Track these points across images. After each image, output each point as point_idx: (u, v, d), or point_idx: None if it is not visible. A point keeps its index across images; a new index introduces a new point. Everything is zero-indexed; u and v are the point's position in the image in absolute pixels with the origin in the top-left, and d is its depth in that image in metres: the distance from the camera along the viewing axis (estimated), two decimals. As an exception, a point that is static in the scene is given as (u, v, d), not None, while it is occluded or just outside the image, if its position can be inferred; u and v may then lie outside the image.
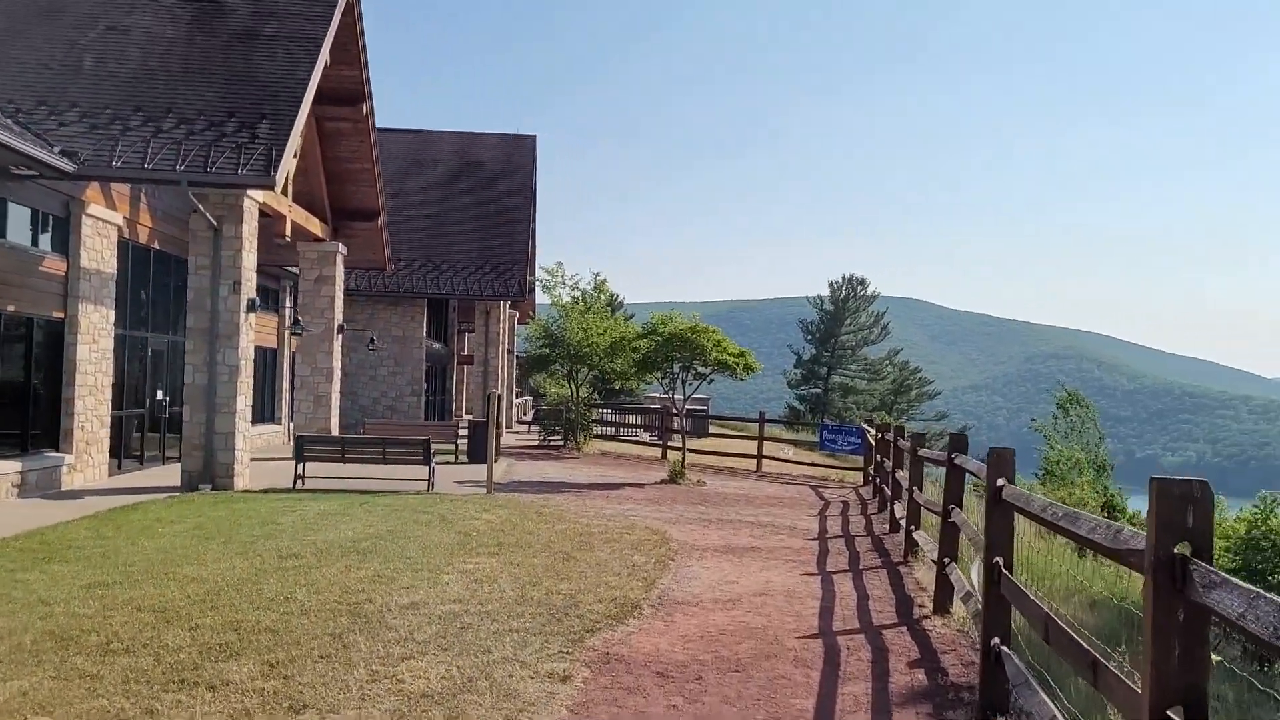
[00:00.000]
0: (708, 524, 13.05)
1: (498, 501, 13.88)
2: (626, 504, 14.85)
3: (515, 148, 35.52)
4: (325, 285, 21.04)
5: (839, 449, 21.77)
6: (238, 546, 9.44)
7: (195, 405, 14.83)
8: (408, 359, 30.65)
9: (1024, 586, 4.64)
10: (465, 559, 9.15)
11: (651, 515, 13.59)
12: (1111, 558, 3.09)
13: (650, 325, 19.12)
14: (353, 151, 20.81)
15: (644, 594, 8.09)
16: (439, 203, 33.22)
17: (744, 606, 7.94)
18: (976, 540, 6.40)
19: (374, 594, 7.47)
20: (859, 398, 62.56)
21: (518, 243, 32.10)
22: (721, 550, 10.84)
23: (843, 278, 67.63)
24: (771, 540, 11.89)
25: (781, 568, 9.94)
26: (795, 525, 13.48)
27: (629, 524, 12.35)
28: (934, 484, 14.52)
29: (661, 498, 16.05)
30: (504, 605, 7.30)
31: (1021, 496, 4.78)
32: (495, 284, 30.72)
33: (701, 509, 14.80)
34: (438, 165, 34.39)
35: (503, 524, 11.58)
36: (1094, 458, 38.09)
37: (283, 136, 14.63)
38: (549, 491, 15.98)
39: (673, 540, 11.25)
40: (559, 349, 25.12)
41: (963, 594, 6.88)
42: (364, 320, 30.29)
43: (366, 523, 11.20)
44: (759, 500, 16.64)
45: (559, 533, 11.16)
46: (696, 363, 18.33)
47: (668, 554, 10.22)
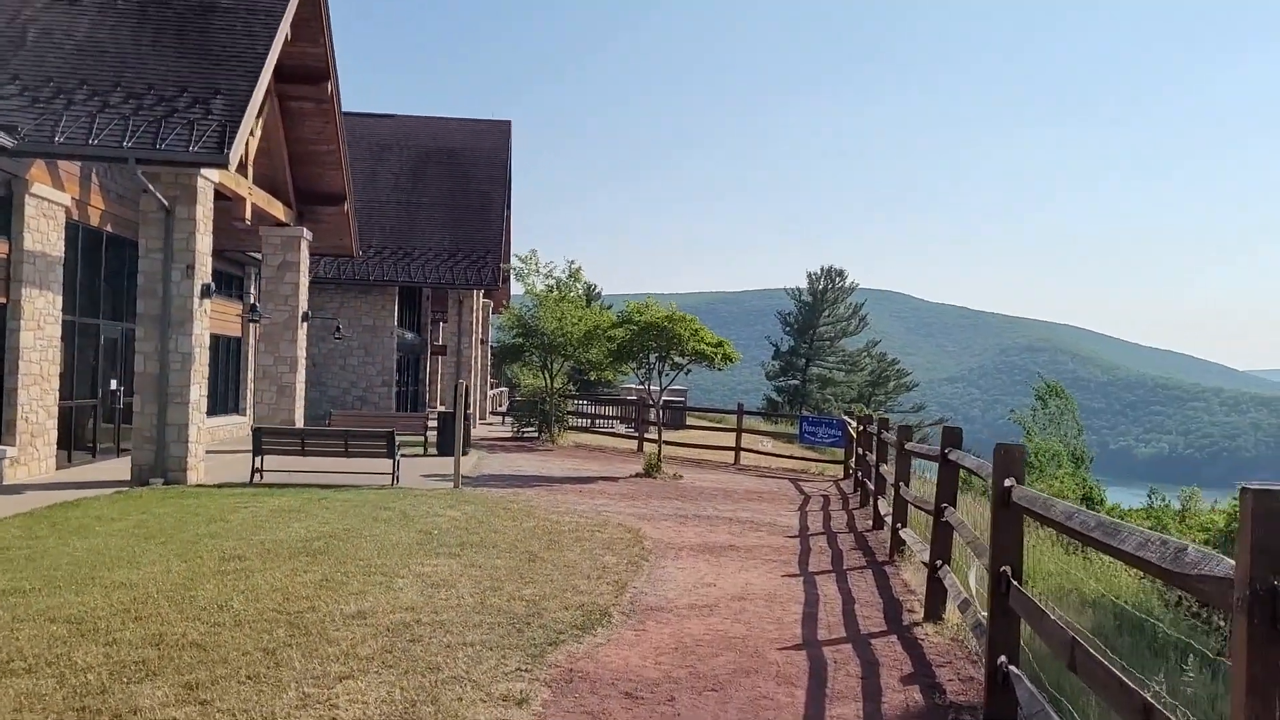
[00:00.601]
0: (684, 520, 12.48)
1: (464, 497, 13.25)
2: (600, 499, 14.26)
3: (490, 134, 34.75)
4: (289, 271, 20.29)
5: (819, 441, 21.27)
6: (178, 547, 8.77)
7: (146, 395, 14.10)
8: (378, 349, 29.90)
9: (1041, 602, 4.08)
10: (424, 560, 8.52)
11: (625, 511, 13.01)
12: (1172, 582, 2.52)
13: (626, 314, 18.49)
14: (318, 133, 20.04)
15: (614, 599, 7.50)
16: (411, 189, 32.44)
17: (722, 613, 7.37)
18: (976, 545, 5.85)
19: (319, 601, 6.84)
20: (837, 389, 62.32)
21: (492, 231, 31.38)
22: (698, 549, 10.28)
23: (821, 269, 67.31)
24: (750, 538, 11.34)
25: (761, 568, 9.38)
26: (775, 521, 12.94)
27: (601, 521, 11.76)
28: (920, 479, 14.02)
29: (636, 492, 15.47)
30: (461, 614, 6.69)
31: (1037, 500, 4.22)
32: (468, 272, 30.01)
33: (677, 504, 14.24)
34: (410, 151, 33.58)
35: (467, 521, 10.95)
36: (1073, 450, 37.89)
37: (238, 112, 13.89)
38: (520, 486, 15.36)
39: (647, 538, 10.67)
40: (533, 339, 24.47)
41: (959, 601, 6.34)
42: (333, 309, 29.51)
43: (322, 520, 10.55)
44: (737, 494, 16.09)
45: (527, 531, 10.56)
46: (673, 353, 17.73)
47: (641, 554, 9.64)
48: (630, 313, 18.27)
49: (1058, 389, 39.26)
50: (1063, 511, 3.72)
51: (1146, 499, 39.23)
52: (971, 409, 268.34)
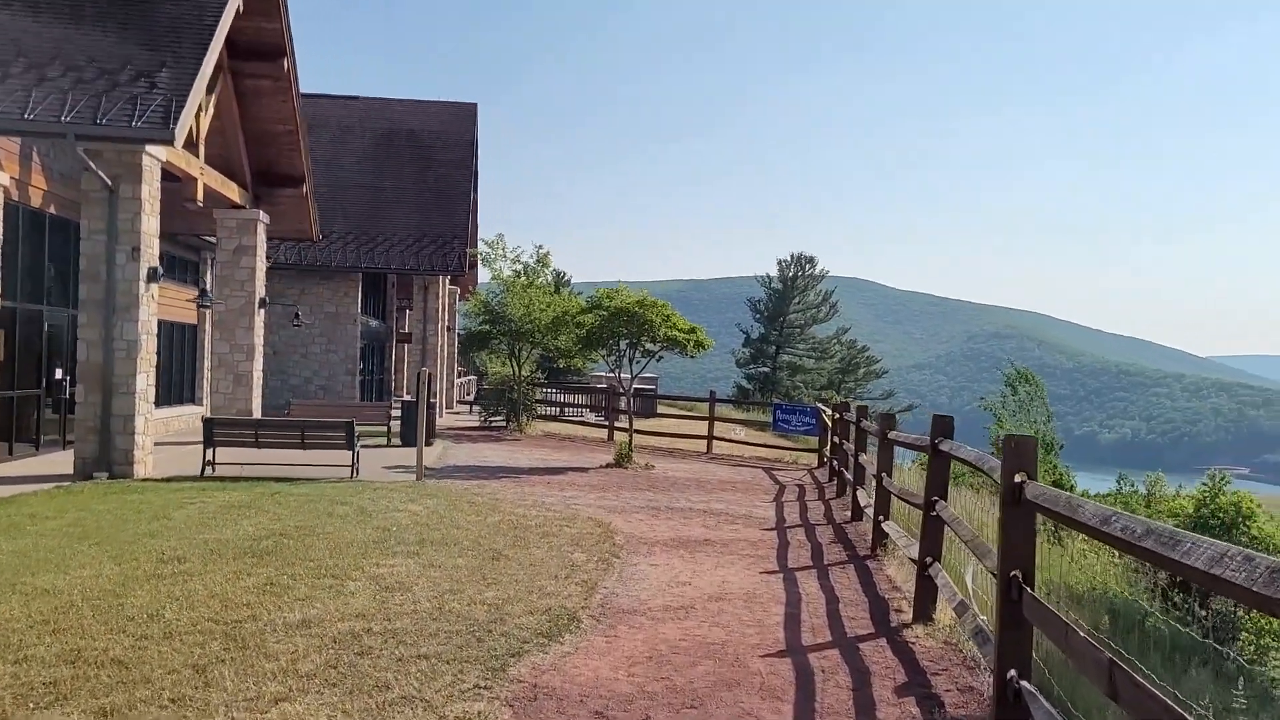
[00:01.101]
0: (656, 513, 11.99)
1: (427, 490, 12.68)
2: (569, 491, 13.74)
3: (456, 117, 33.95)
4: (245, 256, 19.52)
5: (792, 430, 20.86)
6: (114, 548, 8.15)
7: (90, 385, 13.38)
8: (341, 336, 29.13)
9: (1066, 615, 3.61)
10: (379, 561, 7.96)
11: (595, 504, 12.50)
12: (1262, 608, 2.04)
13: (595, 299, 17.92)
14: (274, 112, 19.26)
15: (583, 602, 6.99)
16: (375, 173, 31.61)
17: (699, 615, 6.89)
18: (976, 544, 5.39)
19: (260, 609, 6.27)
20: (807, 376, 62.18)
21: (458, 215, 30.65)
22: (672, 544, 9.79)
23: (791, 256, 67.07)
24: (726, 531, 10.87)
25: (739, 564, 8.91)
26: (751, 513, 12.49)
27: (570, 515, 11.24)
28: (900, 469, 13.62)
29: (607, 483, 14.97)
30: (416, 621, 6.15)
31: (1059, 500, 3.75)
32: (434, 258, 29.28)
33: (650, 495, 13.75)
34: (374, 134, 32.73)
35: (429, 517, 10.39)
36: (1042, 436, 37.82)
37: (185, 86, 13.17)
38: (485, 478, 14.81)
39: (618, 533, 10.17)
40: (500, 325, 23.84)
41: (955, 603, 5.89)
42: (294, 296, 28.69)
43: (273, 517, 9.95)
44: (711, 485, 15.63)
45: (491, 526, 10.02)
46: (644, 339, 17.20)
47: (612, 550, 9.13)
48: (600, 298, 17.70)
49: (1027, 375, 39.16)
50: (1095, 514, 3.23)
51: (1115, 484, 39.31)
52: (939, 396, 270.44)
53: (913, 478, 13.89)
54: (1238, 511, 19.36)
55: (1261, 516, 20.07)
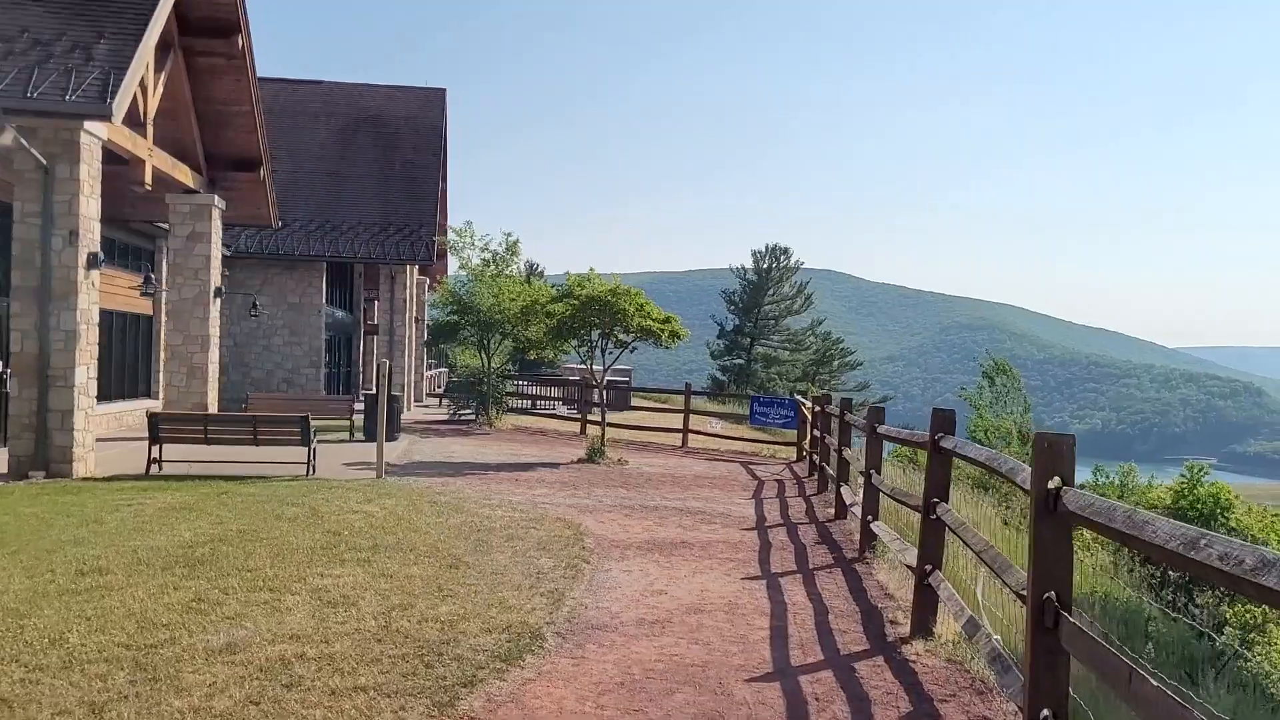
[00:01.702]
0: (630, 512, 11.33)
1: (386, 489, 11.94)
2: (538, 489, 13.06)
3: (424, 102, 33.03)
4: (199, 243, 18.63)
5: (770, 423, 20.27)
6: (30, 557, 7.37)
7: (25, 378, 12.52)
8: (305, 328, 28.21)
9: (1125, 653, 2.97)
10: (325, 570, 7.24)
11: (565, 502, 11.82)
12: None
13: (566, 288, 17.18)
14: (229, 92, 18.36)
15: (549, 615, 6.32)
16: (339, 159, 30.68)
17: (676, 630, 6.23)
18: (992, 556, 4.77)
19: (182, 630, 5.55)
20: (782, 368, 61.83)
21: (425, 203, 29.78)
22: (646, 547, 9.13)
23: (766, 247, 66.66)
24: (704, 532, 10.23)
25: (718, 569, 8.27)
26: (729, 511, 11.86)
27: (538, 515, 10.55)
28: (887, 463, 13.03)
29: (578, 480, 14.29)
30: (358, 643, 5.45)
31: (1113, 513, 3.11)
32: (400, 247, 28.41)
33: (623, 493, 13.09)
34: (338, 119, 31.76)
35: (385, 518, 9.67)
36: (1019, 428, 37.55)
37: (125, 59, 12.31)
38: (450, 475, 14.08)
39: (588, 535, 9.50)
40: (468, 316, 23.09)
41: (963, 620, 5.26)
42: (257, 285, 27.76)
43: (216, 520, 9.19)
44: (686, 481, 15.00)
45: (452, 529, 9.31)
46: (617, 329, 16.51)
47: (582, 554, 8.46)
48: (571, 286, 16.97)
49: (1004, 366, 38.84)
50: (1175, 535, 2.58)
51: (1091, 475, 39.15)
52: (912, 387, 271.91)
53: (891, 471, 13.31)
54: (1216, 503, 19.00)
55: (1240, 508, 19.73)
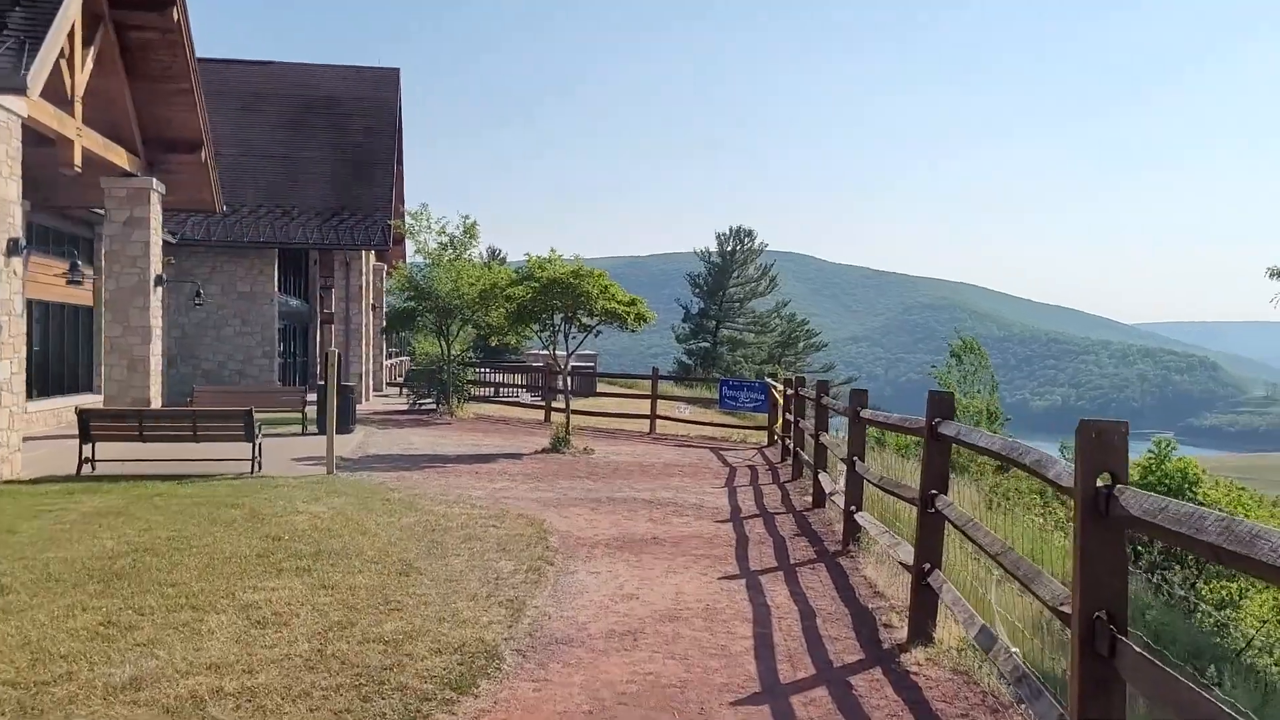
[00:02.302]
0: (597, 505, 10.68)
1: (336, 486, 11.19)
2: (500, 481, 12.37)
3: (376, 82, 31.97)
4: (138, 229, 17.63)
5: (740, 407, 19.70)
6: (-75, 577, 6.58)
7: (-58, 375, 11.60)
8: (256, 317, 27.20)
9: (1204, 688, 2.36)
10: (259, 582, 6.52)
11: (528, 496, 11.15)
12: None
13: (526, 270, 16.43)
14: (165, 69, 17.35)
15: (508, 629, 5.66)
16: (290, 142, 29.58)
17: (650, 643, 5.60)
18: (1011, 560, 4.17)
19: (82, 662, 4.82)
20: (747, 351, 61.58)
21: (380, 186, 28.79)
22: (615, 544, 8.49)
23: (730, 229, 66.27)
24: (676, 525, 9.61)
25: (693, 568, 7.65)
26: (702, 502, 11.25)
27: (499, 511, 9.87)
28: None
29: (542, 471, 13.61)
30: (286, 673, 4.75)
31: (1181, 516, 2.50)
32: (355, 232, 27.43)
33: (589, 484, 12.44)
34: (288, 101, 30.62)
35: (332, 519, 8.94)
36: (987, 406, 37.43)
37: (42, 27, 11.39)
38: (407, 468, 13.35)
39: (552, 533, 8.84)
40: (426, 301, 22.26)
41: (974, 630, 4.68)
42: (205, 273, 26.71)
43: (144, 527, 8.42)
44: (655, 469, 14.37)
45: (405, 530, 8.61)
46: (580, 313, 15.81)
47: (545, 555, 7.80)
48: (531, 268, 16.22)
49: (973, 345, 38.68)
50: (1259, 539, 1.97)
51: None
52: (875, 367, 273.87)
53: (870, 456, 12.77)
54: (1184, 477, 18.85)
55: (1207, 481, 19.61)
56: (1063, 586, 3.46)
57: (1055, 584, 3.54)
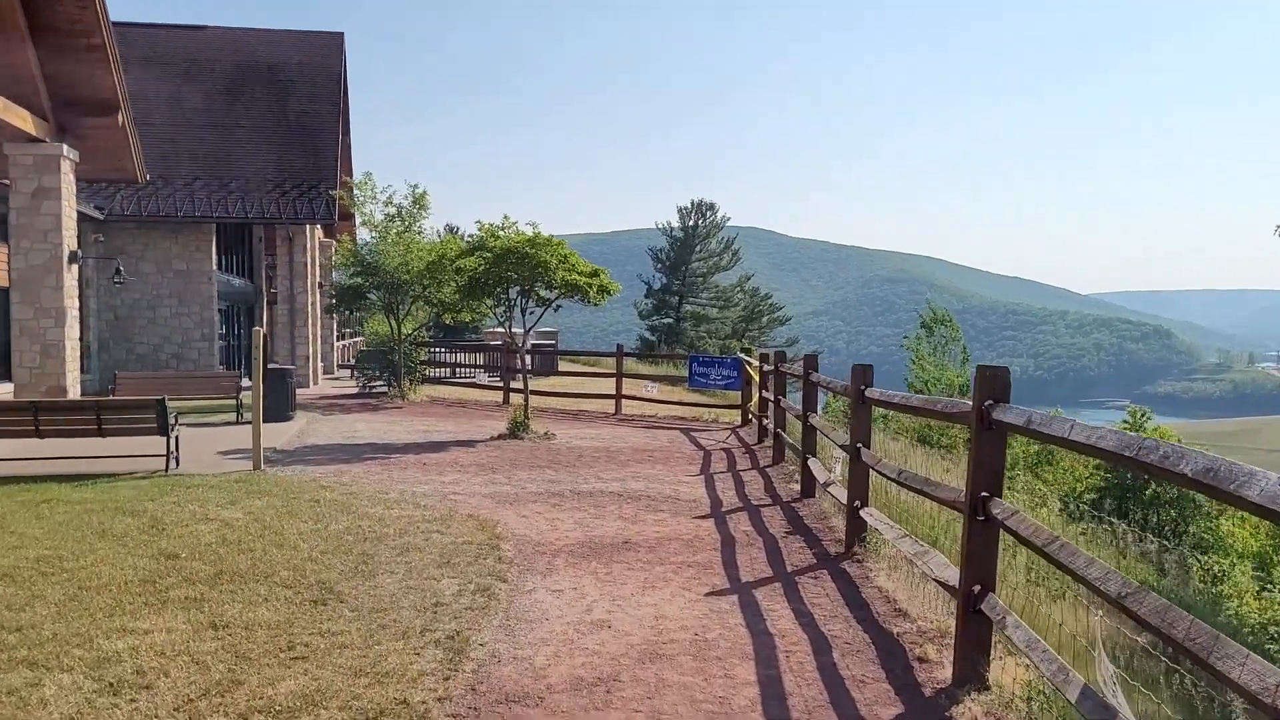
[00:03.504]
0: (559, 501, 9.40)
1: (260, 485, 9.80)
2: (450, 474, 11.04)
3: (320, 47, 30.17)
4: (48, 199, 15.97)
5: (711, 385, 18.47)
6: None
7: None
8: (194, 297, 25.46)
9: None
10: (133, 621, 5.17)
11: (481, 491, 9.84)
12: None
13: (478, 239, 14.99)
14: (73, 21, 15.63)
15: (443, 682, 4.38)
16: (228, 111, 27.76)
17: (628, 697, 4.35)
18: (1141, 601, 2.94)
19: None
20: (711, 326, 60.63)
21: (324, 157, 27.09)
22: (581, 551, 7.23)
23: (692, 203, 65.20)
24: (650, 524, 8.37)
25: (674, 581, 6.41)
26: (677, 493, 10.01)
27: (445, 512, 8.56)
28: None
29: (498, 460, 12.30)
30: (129, 771, 3.44)
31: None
32: (298, 205, 25.74)
33: (550, 475, 11.15)
34: (226, 67, 28.77)
35: (246, 528, 7.58)
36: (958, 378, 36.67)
37: (-99, -42, 9.75)
38: (348, 460, 11.97)
39: (507, 538, 7.56)
40: (374, 278, 20.75)
41: (1053, 667, 3.46)
42: (138, 251, 24.93)
43: (14, 543, 7.00)
44: (624, 455, 13.11)
45: (332, 539, 7.27)
46: (538, 285, 14.44)
47: (497, 569, 6.52)
48: (484, 237, 14.79)
49: (944, 317, 37.85)
50: None
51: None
52: (836, 340, 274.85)
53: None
54: (1162, 447, 18.19)
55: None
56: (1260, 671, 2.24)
57: (1257, 668, 2.31)
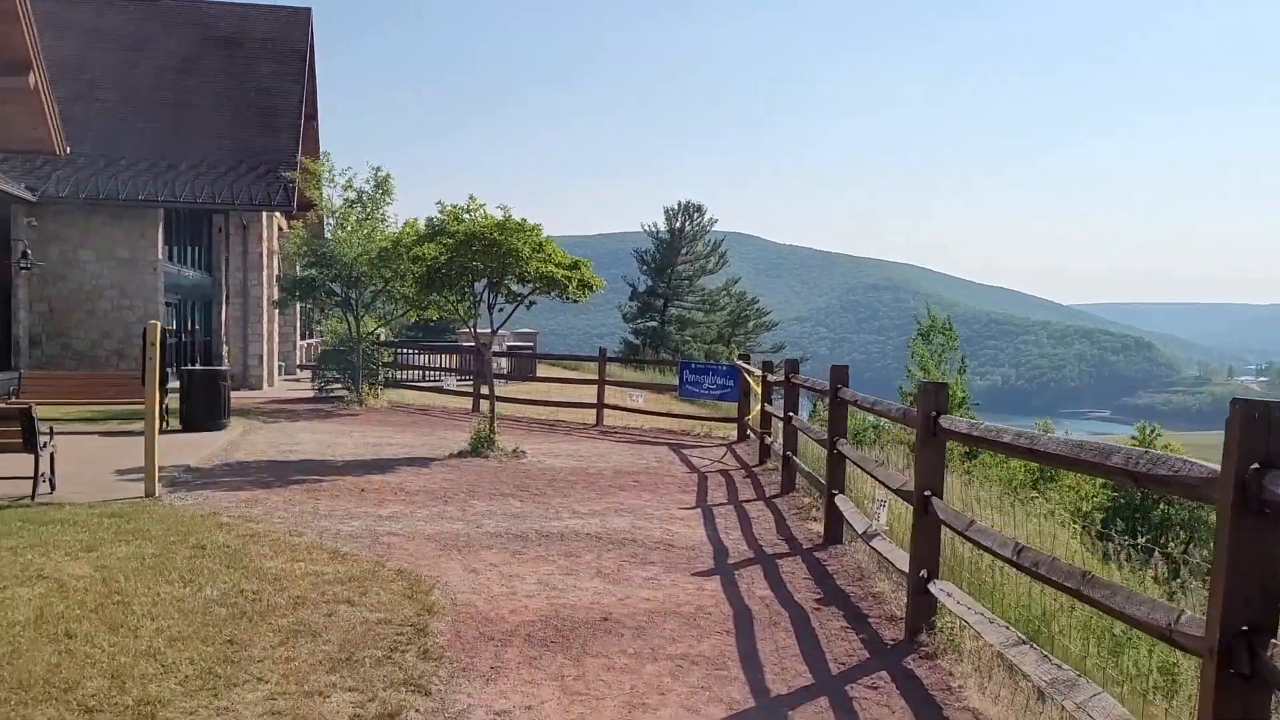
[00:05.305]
0: (522, 547, 7.37)
1: (140, 521, 7.70)
2: (391, 505, 8.98)
3: (283, 22, 28.02)
4: (-57, 171, 13.87)
5: (704, 395, 16.48)
6: None
7: None
8: (138, 289, 23.23)
9: None
10: None
11: (425, 530, 7.80)
12: None
13: (439, 223, 12.90)
14: (-26, -36, 13.57)
15: None
16: (180, 87, 25.55)
17: None
18: None
19: None
20: (697, 330, 58.88)
21: (284, 138, 24.97)
22: (543, 636, 5.20)
23: (679, 204, 63.34)
24: (638, 585, 6.35)
25: (674, 697, 4.40)
26: (671, 536, 8.00)
27: (369, 565, 6.51)
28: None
29: (454, 485, 10.24)
30: None
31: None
32: (253, 189, 23.60)
33: (515, 507, 9.11)
34: (179, 40, 26.56)
35: (82, 596, 5.51)
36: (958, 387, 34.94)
37: None
38: (270, 484, 9.90)
39: (442, 612, 5.52)
40: (329, 269, 18.65)
41: None
42: (76, 237, 22.75)
43: None
44: (604, 480, 11.09)
45: (194, 616, 5.22)
46: (509, 277, 12.40)
47: (417, 674, 4.48)
48: (445, 220, 12.71)
49: (942, 325, 36.06)
50: None
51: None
52: (819, 347, 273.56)
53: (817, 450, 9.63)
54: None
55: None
56: None
57: None
